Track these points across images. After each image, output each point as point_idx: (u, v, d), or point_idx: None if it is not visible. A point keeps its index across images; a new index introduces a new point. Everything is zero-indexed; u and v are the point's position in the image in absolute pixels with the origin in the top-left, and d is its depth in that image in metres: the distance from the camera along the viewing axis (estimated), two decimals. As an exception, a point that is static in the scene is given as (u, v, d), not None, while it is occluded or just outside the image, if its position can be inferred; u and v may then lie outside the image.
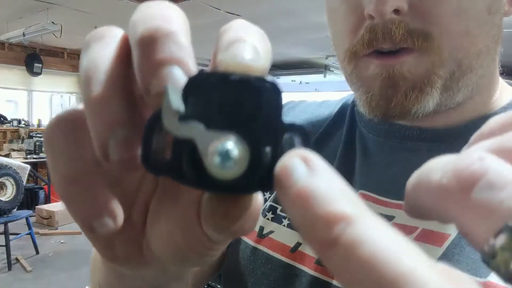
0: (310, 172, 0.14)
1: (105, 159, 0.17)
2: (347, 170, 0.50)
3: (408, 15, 0.39)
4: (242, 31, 0.17)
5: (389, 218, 0.44)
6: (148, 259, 0.22)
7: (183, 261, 0.21)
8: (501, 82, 0.49)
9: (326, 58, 6.54)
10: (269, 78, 0.16)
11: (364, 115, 0.46)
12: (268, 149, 0.16)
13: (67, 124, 0.19)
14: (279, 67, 7.88)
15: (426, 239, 0.40)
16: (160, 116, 0.16)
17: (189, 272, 0.31)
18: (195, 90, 0.16)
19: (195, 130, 0.16)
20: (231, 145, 0.15)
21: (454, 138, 0.45)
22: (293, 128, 0.17)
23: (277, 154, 0.16)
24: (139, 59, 0.16)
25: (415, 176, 0.17)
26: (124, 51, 0.18)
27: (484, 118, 0.45)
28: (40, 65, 6.28)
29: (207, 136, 0.15)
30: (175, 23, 0.17)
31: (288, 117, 0.62)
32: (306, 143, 0.17)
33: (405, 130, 0.47)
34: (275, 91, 0.16)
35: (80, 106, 0.20)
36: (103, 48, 0.18)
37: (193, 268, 0.35)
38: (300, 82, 8.41)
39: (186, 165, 0.16)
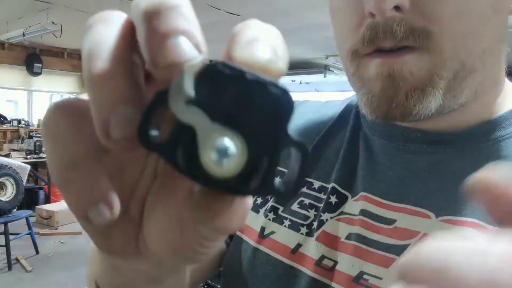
0: None
1: (105, 138, 0.17)
2: (349, 172, 0.50)
3: (410, 13, 0.38)
4: (262, 31, 0.17)
5: (391, 221, 0.43)
6: (144, 252, 0.22)
7: (177, 256, 0.21)
8: (507, 84, 0.47)
9: (326, 58, 6.54)
10: (285, 86, 0.15)
11: (367, 116, 0.45)
12: (266, 157, 0.16)
13: (66, 109, 0.19)
14: (279, 67, 7.88)
15: None
16: (166, 94, 0.15)
17: (186, 268, 0.31)
18: (209, 79, 0.15)
19: (199, 119, 0.15)
20: (231, 143, 0.15)
21: (458, 141, 0.44)
22: (295, 143, 0.16)
23: (273, 164, 0.16)
24: (144, 32, 0.16)
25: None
26: (128, 32, 0.18)
27: (488, 121, 0.44)
28: (40, 65, 6.27)
29: (209, 128, 0.15)
30: None
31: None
32: (304, 162, 0.16)
33: (409, 132, 0.47)
34: (288, 102, 0.16)
35: (78, 97, 0.19)
36: (107, 28, 0.18)
37: (191, 264, 0.35)
38: (300, 82, 8.40)
39: (181, 150, 0.16)
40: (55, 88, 6.76)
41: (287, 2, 3.83)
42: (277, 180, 0.17)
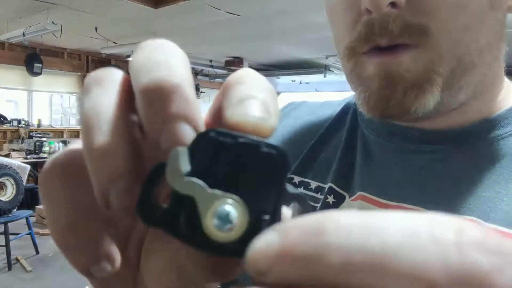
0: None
1: (106, 208, 0.17)
2: (346, 171, 0.50)
3: (406, 9, 0.38)
4: (254, 86, 0.17)
5: None
6: None
7: None
8: (507, 82, 0.47)
9: (326, 58, 6.54)
10: (278, 146, 0.16)
11: (364, 115, 0.45)
12: (267, 217, 0.16)
13: (63, 168, 0.19)
14: (279, 67, 7.88)
15: None
16: (163, 168, 0.16)
17: None
18: (203, 147, 0.16)
19: (197, 188, 0.15)
20: (231, 208, 0.15)
21: (457, 140, 0.44)
22: (295, 197, 0.17)
23: (275, 221, 0.16)
24: (146, 112, 0.16)
25: None
26: (126, 96, 0.18)
27: (487, 120, 0.44)
28: (40, 65, 6.27)
29: (208, 196, 0.15)
30: (179, 72, 0.17)
31: (288, 117, 0.62)
32: (305, 212, 0.17)
33: (407, 132, 0.47)
34: (283, 160, 0.16)
35: (74, 146, 0.19)
36: (104, 94, 0.18)
37: None
38: (300, 82, 8.40)
39: (183, 221, 0.16)
40: (55, 88, 6.76)
41: (287, 2, 3.82)
42: None
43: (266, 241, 0.13)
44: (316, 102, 0.64)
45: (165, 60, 0.17)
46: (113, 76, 0.18)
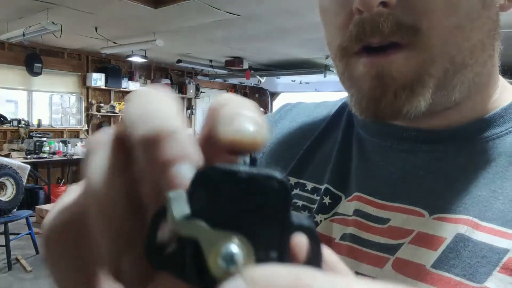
0: None
1: (117, 279, 0.17)
2: (342, 172, 0.50)
3: (397, 8, 0.38)
4: (238, 105, 0.18)
5: (385, 221, 0.43)
6: None
7: None
8: (502, 81, 0.47)
9: (326, 58, 6.54)
10: (278, 174, 0.16)
11: (357, 115, 0.45)
12: (274, 252, 0.15)
13: (60, 236, 0.19)
14: (279, 67, 7.88)
15: (421, 243, 0.40)
16: (165, 212, 0.16)
17: None
18: (201, 186, 0.16)
19: (199, 230, 0.15)
20: (236, 248, 0.15)
21: (453, 139, 0.44)
22: (301, 228, 0.16)
23: (284, 256, 0.16)
24: (145, 161, 0.16)
25: None
26: (122, 157, 0.18)
27: (483, 119, 0.44)
28: (40, 65, 6.27)
29: (211, 237, 0.15)
30: (174, 118, 0.17)
31: (284, 119, 0.62)
32: (314, 244, 0.16)
33: (403, 131, 0.47)
34: (284, 191, 0.16)
35: (68, 200, 0.19)
36: (99, 162, 0.18)
37: None
38: (300, 82, 8.40)
39: (189, 264, 0.16)
40: (55, 88, 6.76)
41: (287, 2, 3.82)
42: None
43: None
44: (311, 103, 0.64)
45: (158, 107, 0.17)
46: (106, 140, 0.19)
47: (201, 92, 8.99)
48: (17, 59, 6.15)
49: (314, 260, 0.17)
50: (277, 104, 9.95)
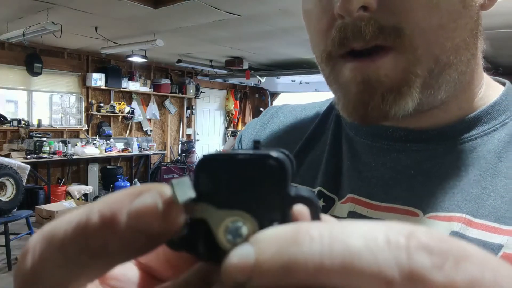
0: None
1: None
2: (334, 174, 0.50)
3: (378, 12, 0.38)
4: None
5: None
6: None
7: None
8: (486, 79, 0.48)
9: (326, 58, 6.53)
10: (274, 153, 0.17)
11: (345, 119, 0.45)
12: (276, 223, 0.17)
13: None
14: (279, 67, 7.88)
15: None
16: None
17: None
18: (205, 172, 0.17)
19: (207, 211, 0.17)
20: (241, 223, 0.16)
21: (441, 138, 0.45)
22: (300, 199, 0.17)
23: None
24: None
25: None
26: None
27: (470, 117, 0.45)
28: (40, 65, 6.27)
29: (218, 216, 0.17)
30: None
31: (272, 123, 0.62)
32: (314, 213, 0.17)
33: (392, 132, 0.47)
34: (280, 167, 0.17)
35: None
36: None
37: None
38: (300, 82, 8.40)
39: (201, 242, 0.17)
40: (55, 88, 6.76)
41: (287, 2, 3.82)
42: None
43: (241, 255, 0.14)
44: (297, 105, 0.64)
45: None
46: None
47: (201, 92, 8.99)
48: (17, 59, 6.15)
49: None
50: (277, 104, 9.94)
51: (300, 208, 0.17)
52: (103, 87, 7.12)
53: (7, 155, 5.54)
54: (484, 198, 0.40)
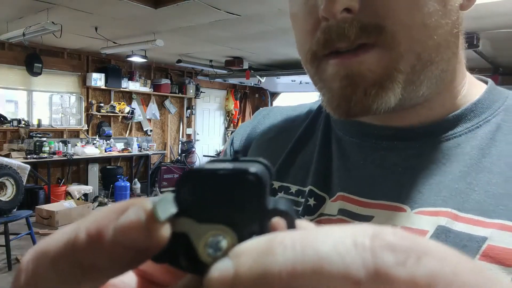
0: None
1: None
2: (324, 173, 0.51)
3: (361, 13, 0.39)
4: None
5: (369, 218, 0.45)
6: None
7: None
8: (469, 77, 0.49)
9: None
10: (253, 168, 0.17)
11: (331, 115, 0.47)
12: (255, 236, 0.17)
13: None
14: (279, 67, 7.88)
15: None
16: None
17: None
18: (186, 186, 0.18)
19: (188, 225, 0.18)
20: (221, 237, 0.17)
21: (427, 135, 0.46)
22: (277, 212, 0.18)
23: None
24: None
25: None
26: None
27: (454, 114, 0.46)
28: (40, 65, 6.27)
29: (198, 230, 0.18)
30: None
31: (263, 125, 0.64)
32: (290, 223, 0.18)
33: (380, 130, 0.48)
34: (258, 182, 0.17)
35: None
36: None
37: None
38: (300, 82, 8.40)
39: (182, 255, 0.18)
40: (55, 88, 6.76)
41: (287, 2, 3.82)
42: None
43: (221, 269, 0.15)
44: (287, 106, 0.66)
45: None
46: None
47: (201, 92, 8.99)
48: (17, 59, 6.15)
49: None
50: (277, 104, 9.94)
51: (277, 220, 0.18)
52: (103, 87, 7.12)
53: (7, 155, 5.54)
54: (469, 193, 0.41)
